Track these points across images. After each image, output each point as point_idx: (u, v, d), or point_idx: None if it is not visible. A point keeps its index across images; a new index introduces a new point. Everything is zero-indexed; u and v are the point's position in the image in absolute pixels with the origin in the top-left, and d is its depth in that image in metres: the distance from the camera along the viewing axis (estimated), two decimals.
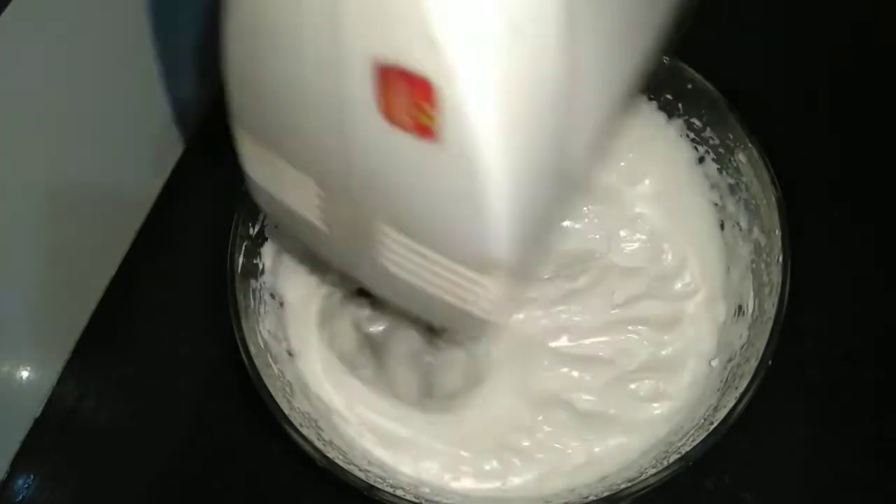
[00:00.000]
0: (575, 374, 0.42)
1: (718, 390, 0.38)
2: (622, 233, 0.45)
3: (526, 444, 0.40)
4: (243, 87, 0.30)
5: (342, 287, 0.43)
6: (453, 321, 0.33)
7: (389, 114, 0.25)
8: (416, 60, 0.23)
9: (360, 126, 0.26)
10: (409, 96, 0.24)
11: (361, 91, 0.25)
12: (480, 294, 0.29)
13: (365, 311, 0.43)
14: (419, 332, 0.41)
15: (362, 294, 0.42)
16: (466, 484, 0.39)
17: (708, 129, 0.43)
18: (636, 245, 0.45)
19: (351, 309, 0.43)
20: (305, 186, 0.31)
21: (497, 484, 0.39)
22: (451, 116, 0.24)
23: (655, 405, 0.41)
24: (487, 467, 0.40)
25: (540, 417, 0.41)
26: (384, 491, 0.34)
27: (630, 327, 0.43)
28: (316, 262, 0.43)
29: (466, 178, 0.25)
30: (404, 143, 0.25)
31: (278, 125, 0.30)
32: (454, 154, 0.25)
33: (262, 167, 0.33)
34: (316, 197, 0.31)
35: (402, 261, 0.30)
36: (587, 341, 0.43)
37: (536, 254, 0.30)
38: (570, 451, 0.40)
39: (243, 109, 0.31)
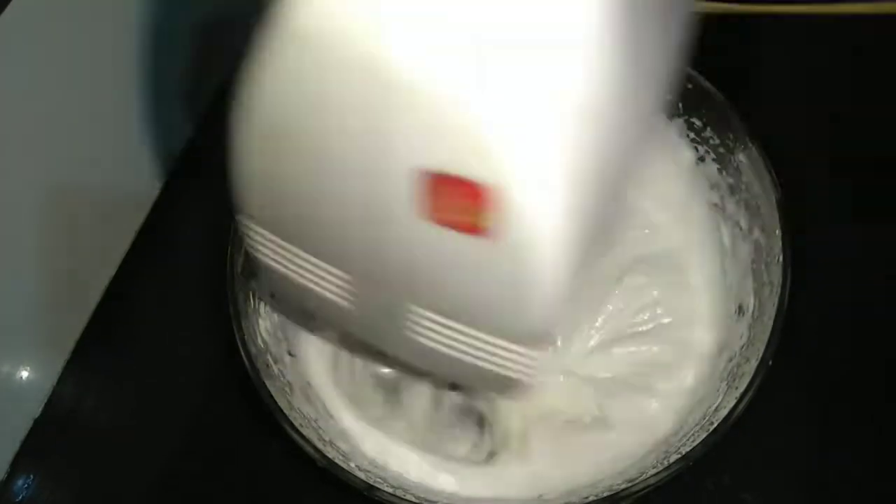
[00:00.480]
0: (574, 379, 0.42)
1: (718, 390, 0.38)
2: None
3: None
4: (259, 184, 0.30)
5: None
6: (487, 385, 0.34)
7: (435, 215, 0.25)
8: (469, 169, 0.24)
9: (398, 226, 0.26)
10: (458, 200, 0.25)
11: (402, 196, 0.25)
12: (521, 361, 0.29)
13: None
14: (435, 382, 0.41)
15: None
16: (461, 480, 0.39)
17: (708, 129, 0.43)
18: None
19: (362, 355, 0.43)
20: (329, 274, 0.31)
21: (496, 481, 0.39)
22: (507, 216, 0.24)
23: (655, 405, 0.41)
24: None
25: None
26: (384, 491, 0.34)
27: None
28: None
29: (520, 268, 0.26)
30: (449, 240, 0.26)
31: (301, 222, 0.30)
32: (508, 247, 0.25)
33: (275, 256, 0.32)
34: (340, 283, 0.31)
35: (438, 337, 0.30)
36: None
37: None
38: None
39: (255, 204, 0.31)
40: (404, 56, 0.23)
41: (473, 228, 0.25)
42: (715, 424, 0.35)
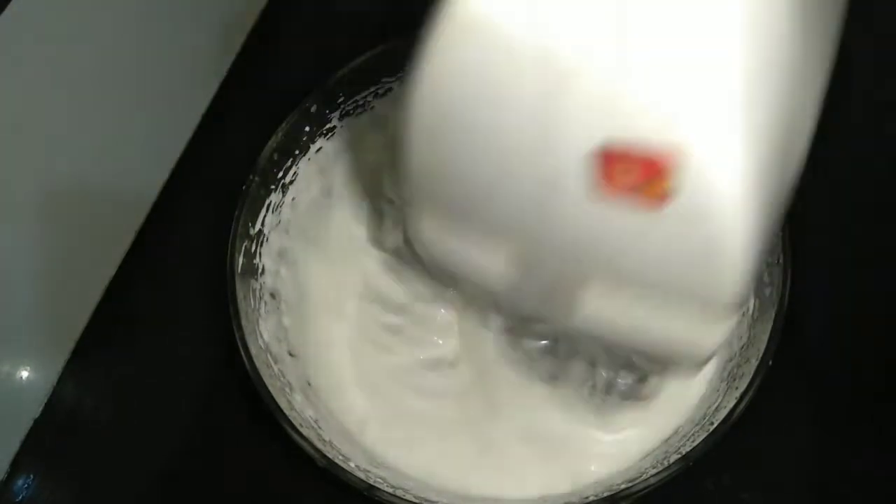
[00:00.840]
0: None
1: (718, 390, 0.38)
2: None
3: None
4: (430, 171, 0.30)
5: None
6: (663, 358, 0.34)
7: (612, 190, 0.25)
8: (652, 141, 0.24)
9: (569, 203, 0.26)
10: (639, 174, 0.25)
11: (576, 172, 0.25)
12: (704, 333, 0.29)
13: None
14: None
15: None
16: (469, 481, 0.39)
17: None
18: None
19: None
20: (495, 255, 0.31)
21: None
22: (691, 186, 0.24)
23: (655, 405, 0.41)
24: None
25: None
26: (384, 491, 0.34)
27: None
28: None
29: (707, 238, 0.25)
30: (626, 213, 0.26)
31: (469, 207, 0.30)
32: (694, 218, 0.25)
33: (440, 237, 0.33)
34: (507, 263, 0.31)
35: (610, 312, 0.30)
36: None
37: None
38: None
39: (424, 190, 0.31)
40: (571, 39, 0.24)
41: (654, 201, 0.25)
42: (715, 424, 0.35)
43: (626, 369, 0.40)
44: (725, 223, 0.25)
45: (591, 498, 0.34)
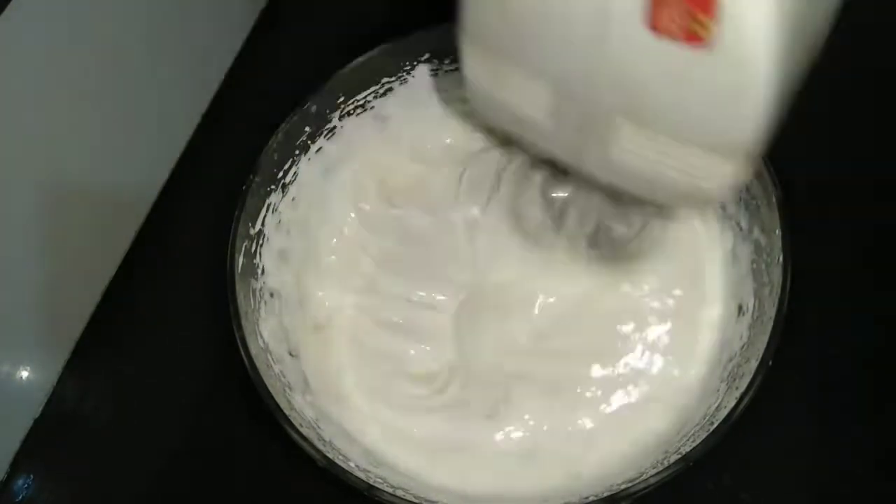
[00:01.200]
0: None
1: (718, 390, 0.38)
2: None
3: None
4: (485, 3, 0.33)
5: None
6: (677, 199, 0.37)
7: (658, 25, 0.28)
8: None
9: (619, 35, 0.29)
10: (683, 8, 0.27)
11: (628, 4, 0.28)
12: (719, 174, 0.32)
13: None
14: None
15: None
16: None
17: None
18: None
19: None
20: (537, 90, 0.34)
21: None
22: (730, 23, 0.26)
23: (655, 405, 0.41)
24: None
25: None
26: (384, 491, 0.34)
27: None
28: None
29: (736, 78, 0.28)
30: (667, 50, 0.28)
31: (522, 36, 0.33)
32: (725, 57, 0.27)
33: (487, 75, 0.36)
34: (547, 98, 0.34)
35: (640, 150, 0.33)
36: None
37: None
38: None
39: (479, 23, 0.34)
40: None
41: (694, 38, 0.27)
42: (715, 424, 0.35)
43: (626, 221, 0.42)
44: (756, 65, 0.27)
45: (591, 498, 0.34)
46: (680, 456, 0.34)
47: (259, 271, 0.42)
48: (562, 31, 0.31)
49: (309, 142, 0.44)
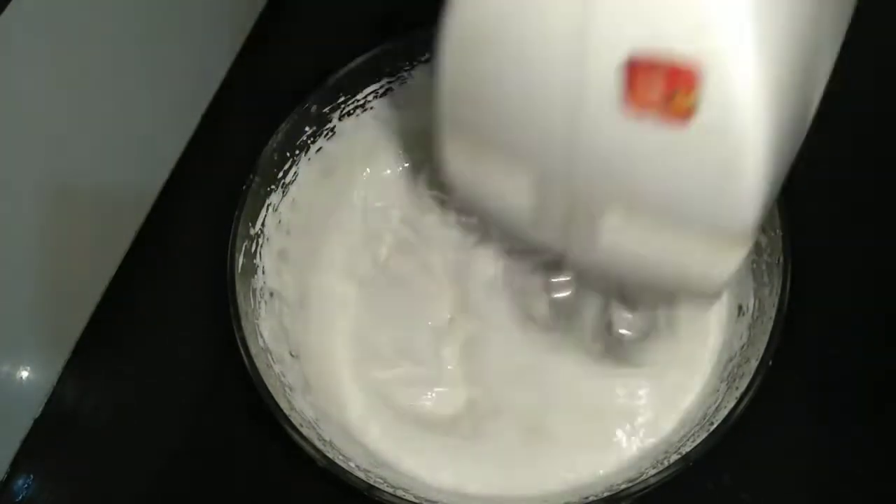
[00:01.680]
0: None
1: (718, 390, 0.38)
2: None
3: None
4: (460, 89, 0.31)
5: None
6: (672, 287, 0.35)
7: (638, 104, 0.26)
8: (681, 50, 0.24)
9: (596, 118, 0.27)
10: (664, 86, 0.25)
11: (604, 85, 0.26)
12: (716, 259, 0.30)
13: None
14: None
15: None
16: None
17: None
18: None
19: None
20: (518, 181, 0.32)
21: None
22: (715, 100, 0.25)
23: (655, 404, 0.41)
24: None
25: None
26: (384, 491, 0.34)
27: None
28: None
29: (725, 156, 0.26)
30: (648, 131, 0.26)
31: (497, 125, 0.31)
32: (714, 134, 0.25)
33: (467, 164, 0.34)
34: (530, 188, 0.32)
35: (629, 238, 0.30)
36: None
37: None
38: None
39: (454, 118, 0.32)
40: None
41: (678, 116, 0.25)
42: (715, 424, 0.35)
43: (635, 308, 0.40)
44: (744, 139, 0.25)
45: (592, 498, 0.34)
46: (680, 456, 0.34)
47: (259, 271, 0.42)
48: (537, 119, 0.29)
49: (309, 142, 0.44)
